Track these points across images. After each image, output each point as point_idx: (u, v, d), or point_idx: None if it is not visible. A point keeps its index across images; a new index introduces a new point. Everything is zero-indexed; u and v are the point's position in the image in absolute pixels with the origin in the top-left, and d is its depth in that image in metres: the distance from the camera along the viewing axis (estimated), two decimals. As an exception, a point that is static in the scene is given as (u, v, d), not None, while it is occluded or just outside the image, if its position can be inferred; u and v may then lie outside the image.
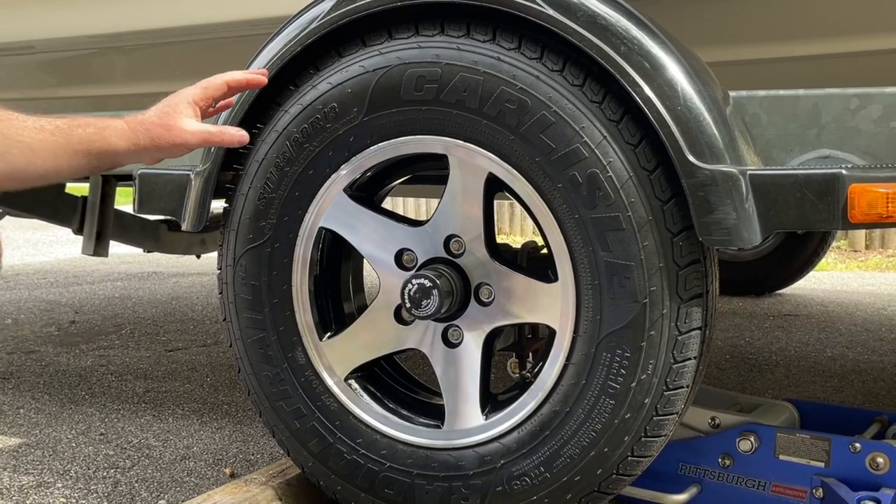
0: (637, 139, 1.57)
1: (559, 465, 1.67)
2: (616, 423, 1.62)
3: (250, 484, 1.91)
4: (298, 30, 1.78)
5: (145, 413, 2.92)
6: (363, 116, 1.72)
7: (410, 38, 1.70)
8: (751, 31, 1.77)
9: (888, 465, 1.79)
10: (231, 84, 1.67)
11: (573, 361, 1.65)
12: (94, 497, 2.20)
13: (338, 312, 1.93)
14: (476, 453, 1.74)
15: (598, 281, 1.60)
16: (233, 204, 1.87)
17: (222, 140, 1.65)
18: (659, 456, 1.71)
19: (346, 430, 1.84)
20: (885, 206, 1.47)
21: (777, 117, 1.63)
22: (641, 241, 1.56)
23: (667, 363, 1.60)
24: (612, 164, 1.56)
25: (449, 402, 1.80)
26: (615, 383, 1.61)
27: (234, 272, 1.88)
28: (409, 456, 1.79)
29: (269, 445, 2.55)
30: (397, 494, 1.80)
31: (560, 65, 1.60)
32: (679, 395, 1.63)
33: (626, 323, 1.59)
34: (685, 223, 1.57)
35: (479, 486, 1.73)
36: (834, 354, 3.62)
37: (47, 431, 2.73)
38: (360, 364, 1.87)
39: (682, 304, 1.59)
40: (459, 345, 1.79)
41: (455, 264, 1.76)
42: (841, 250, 7.48)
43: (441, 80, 1.65)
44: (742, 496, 1.91)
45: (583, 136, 1.57)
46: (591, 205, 1.58)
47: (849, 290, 5.42)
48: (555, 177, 1.60)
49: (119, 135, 1.58)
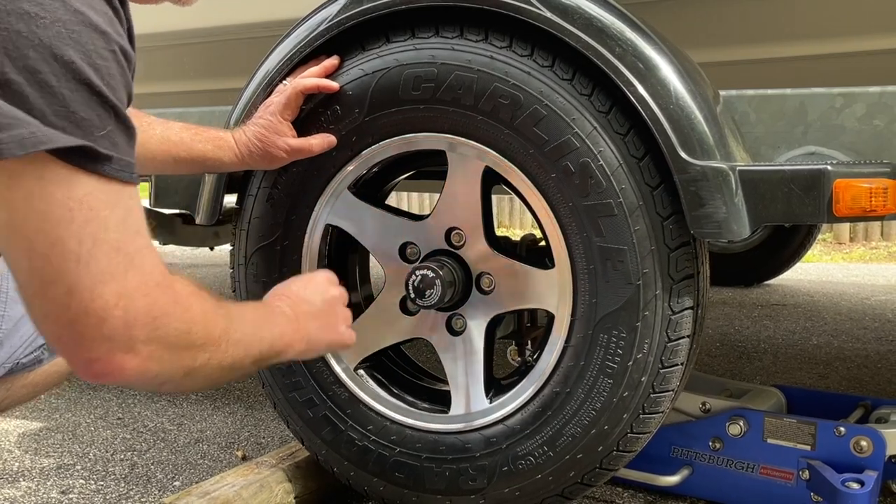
0: (626, 129, 1.57)
1: (562, 444, 1.67)
2: (615, 401, 1.63)
3: (261, 466, 1.91)
4: (307, 31, 1.78)
5: (160, 398, 2.92)
6: (364, 117, 1.73)
7: (407, 40, 1.70)
8: (740, 34, 1.77)
9: (871, 448, 1.79)
10: (305, 91, 1.73)
11: (572, 344, 1.65)
12: (112, 478, 2.21)
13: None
14: (482, 435, 1.75)
15: (593, 265, 1.60)
16: (243, 205, 1.87)
17: (311, 151, 1.74)
18: (652, 439, 1.71)
19: (357, 417, 1.84)
20: (869, 200, 1.47)
21: (765, 115, 1.63)
22: (633, 225, 1.56)
23: (661, 342, 1.60)
24: (602, 154, 1.56)
25: (454, 388, 1.80)
26: (613, 363, 1.62)
27: (246, 270, 1.88)
28: (418, 440, 1.80)
29: (279, 429, 2.55)
30: (408, 478, 1.80)
31: (550, 61, 1.60)
32: (674, 372, 1.63)
33: (621, 304, 1.59)
34: (674, 208, 1.57)
35: (485, 466, 1.74)
36: (819, 342, 3.62)
37: (67, 416, 2.74)
38: (368, 354, 1.87)
39: (674, 285, 1.59)
40: (463, 332, 1.79)
41: (456, 255, 1.76)
42: (826, 243, 7.48)
43: (437, 79, 1.65)
44: (732, 478, 1.92)
45: (574, 127, 1.57)
46: (584, 193, 1.58)
47: (834, 280, 5.42)
48: (548, 167, 1.60)
49: (230, 153, 1.73)
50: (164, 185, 2.01)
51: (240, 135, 1.73)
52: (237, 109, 1.85)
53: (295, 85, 1.72)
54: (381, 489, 1.84)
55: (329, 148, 1.74)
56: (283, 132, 1.72)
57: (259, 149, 1.72)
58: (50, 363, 1.61)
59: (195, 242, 4.13)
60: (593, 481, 1.71)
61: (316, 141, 1.73)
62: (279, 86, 1.77)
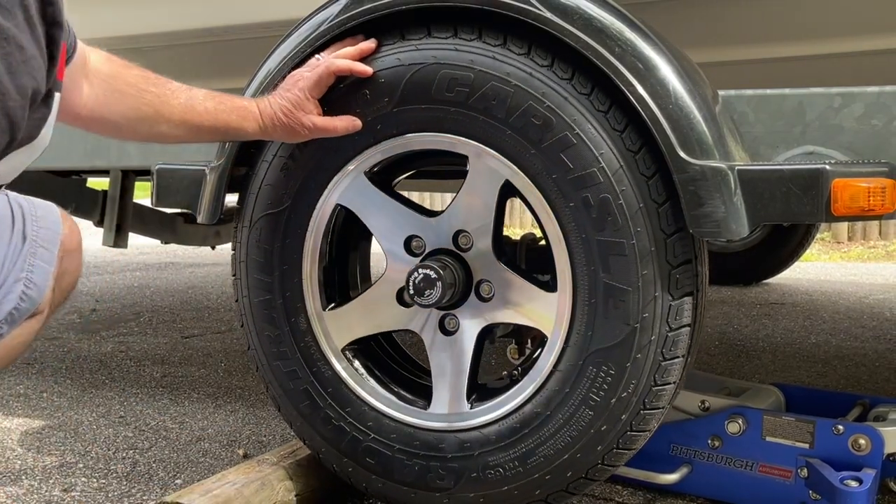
0: (651, 172, 1.56)
1: (533, 463, 1.68)
2: (592, 432, 1.64)
3: (262, 464, 1.91)
4: (309, 31, 1.78)
5: (162, 397, 2.92)
6: (393, 107, 1.71)
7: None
8: (739, 34, 1.78)
9: (869, 447, 1.79)
10: (337, 73, 1.71)
11: (560, 369, 1.65)
12: (114, 476, 2.21)
13: (343, 286, 1.93)
14: (457, 438, 1.75)
15: (595, 299, 1.60)
16: (255, 169, 1.86)
17: (336, 132, 1.72)
18: (652, 438, 1.71)
19: (337, 397, 1.84)
20: (867, 199, 1.47)
21: (764, 115, 1.63)
22: (641, 269, 1.56)
23: (647, 385, 1.61)
24: (624, 193, 1.56)
25: (437, 386, 1.80)
26: (597, 396, 1.62)
27: (249, 234, 1.87)
28: (394, 431, 1.80)
29: (280, 428, 2.55)
30: (377, 465, 1.81)
31: (589, 88, 1.58)
32: (654, 414, 1.65)
33: (615, 343, 1.60)
34: (685, 257, 1.58)
35: (455, 468, 1.74)
36: (818, 341, 3.62)
37: (69, 414, 2.74)
38: (357, 337, 1.87)
39: (669, 333, 1.60)
40: (454, 333, 1.79)
41: (461, 258, 1.76)
42: (825, 242, 7.49)
43: (473, 85, 1.63)
44: (731, 476, 1.92)
45: (600, 161, 1.56)
46: (600, 227, 1.57)
47: (832, 279, 5.42)
48: (568, 195, 1.59)
49: (254, 122, 1.71)
50: (166, 185, 2.01)
51: (265, 105, 1.71)
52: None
53: (329, 65, 1.70)
54: (350, 470, 1.85)
55: (353, 132, 1.72)
56: (308, 109, 1.70)
57: (283, 123, 1.70)
58: (9, 336, 1.59)
59: (197, 241, 4.14)
60: (555, 502, 1.73)
61: (341, 123, 1.71)
62: (312, 60, 1.74)
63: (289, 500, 1.87)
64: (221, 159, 1.87)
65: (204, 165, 1.93)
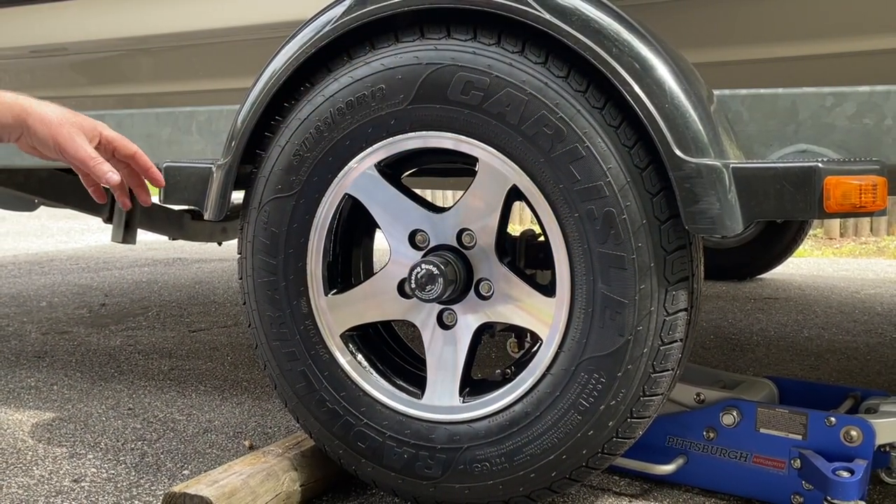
0: (657, 189, 1.56)
1: (519, 460, 1.69)
2: (578, 436, 1.64)
3: (268, 455, 1.92)
4: (313, 32, 1.77)
5: (170, 389, 2.93)
6: (407, 104, 1.71)
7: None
8: (735, 34, 1.77)
9: (861, 438, 1.79)
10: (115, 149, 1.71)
11: (552, 373, 1.66)
12: (123, 467, 2.21)
13: (346, 273, 1.93)
14: (447, 430, 1.76)
15: (592, 309, 1.60)
16: (268, 152, 1.85)
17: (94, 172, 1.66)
18: (648, 430, 1.72)
19: (333, 381, 1.85)
20: (859, 196, 1.47)
21: (758, 114, 1.63)
22: (639, 284, 1.57)
23: (636, 395, 1.61)
24: (629, 208, 1.56)
25: (431, 378, 1.81)
26: (586, 402, 1.63)
27: (258, 216, 1.87)
28: (386, 418, 1.81)
29: (285, 419, 2.55)
30: (368, 449, 1.82)
31: (602, 102, 1.58)
32: (641, 423, 1.66)
33: (608, 352, 1.60)
34: (683, 275, 1.59)
35: (443, 459, 1.75)
36: (811, 335, 3.62)
37: (79, 406, 2.74)
38: (357, 324, 1.87)
39: (661, 347, 1.60)
40: (452, 328, 1.79)
41: (463, 255, 1.76)
42: (817, 238, 7.48)
43: (489, 89, 1.63)
44: (725, 467, 1.92)
45: (608, 176, 1.56)
46: (602, 240, 1.58)
47: (825, 275, 5.42)
48: (574, 206, 1.59)
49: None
50: (173, 182, 2.01)
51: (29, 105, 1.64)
52: (244, 109, 1.85)
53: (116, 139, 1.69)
54: (341, 452, 1.86)
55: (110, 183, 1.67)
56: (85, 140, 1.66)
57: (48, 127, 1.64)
58: None
59: (203, 238, 4.14)
60: (538, 499, 1.73)
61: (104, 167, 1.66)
62: None
63: (293, 491, 1.88)
64: (228, 157, 1.88)
65: (211, 163, 1.93)
